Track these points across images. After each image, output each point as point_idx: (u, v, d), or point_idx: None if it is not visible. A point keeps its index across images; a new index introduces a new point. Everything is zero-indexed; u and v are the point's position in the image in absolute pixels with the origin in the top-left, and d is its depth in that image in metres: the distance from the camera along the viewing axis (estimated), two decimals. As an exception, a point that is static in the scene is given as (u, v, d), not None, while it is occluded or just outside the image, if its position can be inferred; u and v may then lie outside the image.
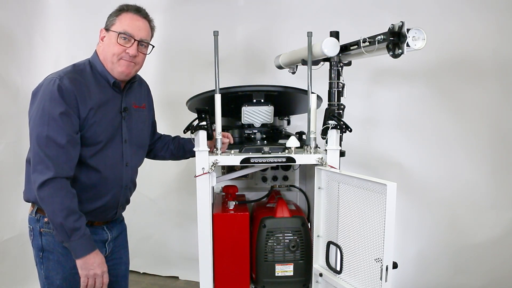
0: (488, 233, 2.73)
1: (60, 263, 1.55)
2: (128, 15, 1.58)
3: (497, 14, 2.60)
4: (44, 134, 1.42)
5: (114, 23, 1.57)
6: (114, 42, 1.56)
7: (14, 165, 2.77)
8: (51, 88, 1.44)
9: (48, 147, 1.42)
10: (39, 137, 1.43)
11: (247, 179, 2.27)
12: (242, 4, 2.96)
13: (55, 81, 1.45)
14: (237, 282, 1.85)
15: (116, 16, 1.58)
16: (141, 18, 1.60)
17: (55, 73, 1.50)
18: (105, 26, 1.60)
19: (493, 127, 2.69)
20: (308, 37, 1.76)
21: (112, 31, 1.56)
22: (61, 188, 1.43)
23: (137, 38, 1.57)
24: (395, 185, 1.35)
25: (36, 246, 1.58)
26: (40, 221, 1.55)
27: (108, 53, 1.57)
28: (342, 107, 1.90)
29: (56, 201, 1.42)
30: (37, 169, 1.43)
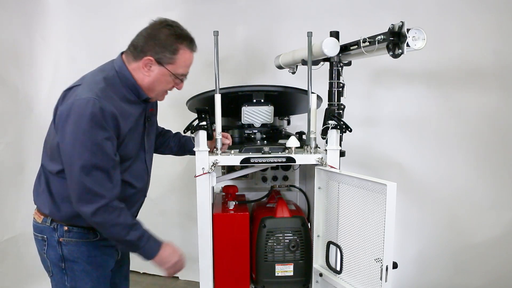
0: (488, 233, 2.73)
1: (87, 272, 1.52)
2: (186, 54, 1.48)
3: (497, 14, 2.60)
4: (90, 163, 1.34)
5: (171, 62, 1.46)
6: (168, 80, 1.50)
7: (14, 165, 2.77)
8: (91, 110, 1.32)
9: (95, 176, 1.36)
10: (84, 166, 1.34)
11: (247, 179, 2.27)
12: (242, 4, 2.96)
13: (94, 103, 1.33)
14: (237, 282, 1.85)
15: (173, 53, 1.46)
16: (193, 54, 1.53)
17: (88, 90, 1.37)
18: (156, 57, 1.45)
19: (493, 127, 2.68)
20: (308, 37, 1.76)
21: (167, 70, 1.47)
22: (114, 210, 1.40)
23: (186, 75, 1.55)
24: (395, 185, 1.35)
25: (53, 257, 1.51)
26: (58, 230, 1.49)
27: (157, 88, 1.51)
28: (342, 107, 1.90)
29: (114, 223, 1.41)
30: (84, 198, 1.36)
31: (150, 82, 1.49)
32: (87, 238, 1.52)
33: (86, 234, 1.52)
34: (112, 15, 3.03)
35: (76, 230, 1.50)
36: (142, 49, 1.46)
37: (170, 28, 1.46)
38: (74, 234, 1.50)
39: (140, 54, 1.46)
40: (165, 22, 1.48)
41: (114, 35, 3.09)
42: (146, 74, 1.48)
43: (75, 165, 1.35)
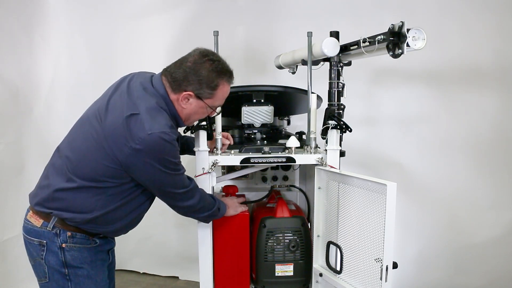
0: (488, 233, 2.73)
1: (91, 277, 1.53)
2: (224, 88, 1.52)
3: (497, 14, 2.60)
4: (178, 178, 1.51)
5: (210, 97, 1.49)
6: (204, 112, 1.55)
7: (14, 165, 2.77)
8: (170, 142, 1.40)
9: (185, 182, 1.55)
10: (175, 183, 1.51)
11: (247, 179, 2.27)
12: (242, 4, 2.95)
13: (168, 137, 1.39)
14: (237, 282, 1.85)
15: (213, 89, 1.48)
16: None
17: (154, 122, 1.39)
18: (196, 92, 1.47)
19: (493, 127, 2.69)
20: (308, 37, 1.76)
21: (205, 104, 1.51)
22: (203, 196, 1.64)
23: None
24: (395, 185, 1.35)
25: (53, 262, 1.48)
26: (61, 236, 1.47)
27: (192, 117, 1.57)
28: (342, 107, 1.90)
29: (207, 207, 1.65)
30: (183, 200, 1.57)
31: (188, 114, 1.54)
32: (88, 244, 1.52)
33: (88, 240, 1.52)
34: (112, 15, 3.03)
35: (79, 236, 1.49)
36: (183, 83, 1.47)
37: (211, 64, 1.47)
38: (78, 240, 1.49)
39: (180, 88, 1.47)
40: (207, 56, 1.48)
41: (114, 35, 3.10)
42: (184, 107, 1.50)
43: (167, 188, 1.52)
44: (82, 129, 1.50)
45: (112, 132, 1.40)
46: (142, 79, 1.52)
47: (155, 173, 1.42)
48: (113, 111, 1.43)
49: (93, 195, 1.46)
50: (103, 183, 1.44)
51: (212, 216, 1.70)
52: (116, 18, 3.03)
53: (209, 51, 1.53)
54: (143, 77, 1.54)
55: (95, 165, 1.43)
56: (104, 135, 1.41)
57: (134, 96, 1.45)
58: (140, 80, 1.52)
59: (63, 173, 1.47)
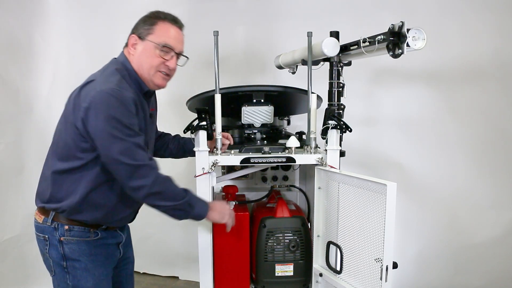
0: (488, 233, 2.73)
1: (89, 270, 1.53)
2: (166, 25, 1.52)
3: (497, 14, 2.60)
4: (128, 145, 1.40)
5: (150, 32, 1.50)
6: (152, 54, 1.51)
7: (14, 165, 2.77)
8: (115, 99, 1.38)
9: (137, 153, 1.41)
10: (124, 150, 1.39)
11: (247, 179, 2.27)
12: (242, 4, 2.96)
13: (115, 92, 1.39)
14: (237, 282, 1.85)
15: (151, 24, 1.50)
16: (178, 29, 1.55)
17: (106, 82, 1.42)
18: (137, 33, 1.51)
19: (493, 127, 2.69)
20: (308, 37, 1.76)
21: (149, 42, 1.50)
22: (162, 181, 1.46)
23: (176, 50, 1.54)
24: (395, 185, 1.35)
25: (55, 256, 1.52)
26: (59, 230, 1.50)
27: (145, 64, 1.52)
28: (342, 107, 1.90)
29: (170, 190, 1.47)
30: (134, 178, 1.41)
31: (138, 60, 1.53)
32: (88, 237, 1.53)
33: (87, 232, 1.52)
34: (112, 15, 3.03)
35: (77, 229, 1.51)
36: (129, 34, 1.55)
37: (152, 11, 1.55)
38: (75, 232, 1.51)
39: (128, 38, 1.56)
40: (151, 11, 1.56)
41: (114, 35, 3.08)
42: (133, 53, 1.53)
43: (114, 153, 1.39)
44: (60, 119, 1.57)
45: (72, 102, 1.46)
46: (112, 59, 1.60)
47: (104, 133, 1.38)
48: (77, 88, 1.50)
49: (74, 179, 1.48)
50: (76, 162, 1.46)
51: (179, 211, 1.51)
52: (116, 18, 3.03)
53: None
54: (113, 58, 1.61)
55: (66, 141, 1.47)
56: (68, 109, 1.49)
57: (96, 72, 1.54)
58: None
59: (48, 161, 1.55)
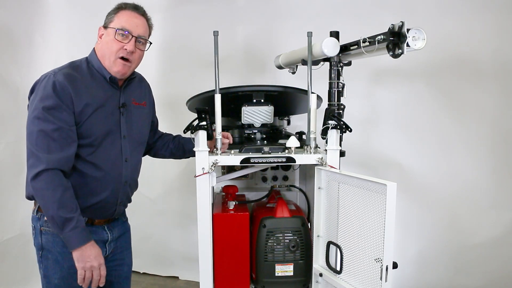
0: (488, 233, 2.73)
1: (58, 262, 1.55)
2: (126, 12, 1.59)
3: (497, 14, 2.60)
4: (36, 129, 1.44)
5: (112, 20, 1.58)
6: (112, 39, 1.56)
7: (14, 165, 2.77)
8: (45, 84, 1.47)
9: (38, 140, 1.44)
10: (31, 132, 1.45)
11: (247, 179, 2.27)
12: (242, 4, 2.96)
13: (49, 77, 1.48)
14: (237, 282, 1.85)
15: (114, 14, 1.59)
16: (139, 15, 1.61)
17: (51, 70, 1.53)
18: (103, 24, 1.61)
19: (493, 127, 2.69)
20: (308, 37, 1.76)
21: (110, 28, 1.57)
22: (52, 180, 1.43)
23: (134, 34, 1.57)
24: (395, 185, 1.35)
25: (36, 245, 1.59)
26: (40, 220, 1.56)
27: (106, 51, 1.58)
28: (342, 107, 1.90)
29: (47, 194, 1.43)
30: (29, 163, 1.46)
31: (102, 48, 1.60)
32: None
33: None
34: (112, 15, 3.03)
35: None
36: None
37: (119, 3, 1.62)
38: None
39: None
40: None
41: (114, 35, 3.10)
42: (99, 43, 1.62)
43: (27, 132, 1.47)
44: None
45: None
46: None
47: (29, 109, 1.50)
48: None
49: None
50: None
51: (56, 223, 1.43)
52: (116, 18, 3.03)
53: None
54: None
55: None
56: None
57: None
58: None
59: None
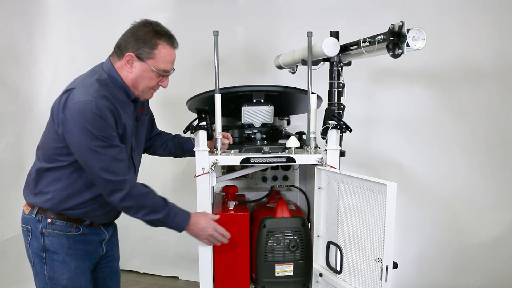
0: (488, 233, 2.73)
1: (66, 263, 1.57)
2: (165, 49, 1.53)
3: (497, 14, 2.60)
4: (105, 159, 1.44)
5: (151, 57, 1.51)
6: (150, 76, 1.54)
7: (14, 165, 2.77)
8: (90, 112, 1.40)
9: (114, 169, 1.46)
10: (102, 165, 1.44)
11: (247, 179, 2.27)
12: (242, 4, 2.96)
13: (91, 105, 1.40)
14: (237, 282, 1.85)
15: (152, 48, 1.51)
16: (174, 50, 1.58)
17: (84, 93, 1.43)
18: (137, 53, 1.51)
19: (493, 127, 2.69)
20: (308, 37, 1.76)
21: (149, 66, 1.52)
22: (139, 195, 1.51)
23: (171, 71, 1.59)
24: (395, 185, 1.35)
25: (35, 247, 1.57)
26: (42, 222, 1.55)
27: (141, 85, 1.56)
28: (342, 107, 1.90)
29: (140, 207, 1.52)
30: (108, 189, 1.47)
31: (134, 79, 1.55)
32: (69, 231, 1.57)
33: (69, 227, 1.57)
34: (112, 15, 3.03)
35: (59, 223, 1.56)
36: (124, 47, 1.53)
37: (149, 26, 1.53)
38: (57, 226, 1.56)
39: (123, 51, 1.53)
40: (145, 21, 1.56)
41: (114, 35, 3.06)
42: (129, 71, 1.54)
43: (94, 168, 1.45)
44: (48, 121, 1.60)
45: (54, 109, 1.51)
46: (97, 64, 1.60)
47: (82, 147, 1.43)
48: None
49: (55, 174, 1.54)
50: (58, 163, 1.52)
51: (158, 222, 1.59)
52: (116, 18, 3.03)
53: (149, 19, 1.57)
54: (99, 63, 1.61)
55: (49, 145, 1.53)
56: (52, 115, 1.52)
57: (78, 77, 1.55)
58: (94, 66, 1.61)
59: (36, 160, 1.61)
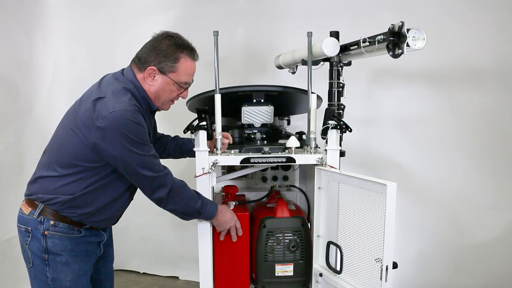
0: (488, 233, 2.73)
1: (69, 265, 1.57)
2: (187, 62, 1.57)
3: (497, 14, 2.60)
4: (146, 159, 1.49)
5: (173, 71, 1.55)
6: (171, 89, 1.59)
7: (14, 165, 2.77)
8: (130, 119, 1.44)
9: (155, 166, 1.52)
10: (143, 163, 1.49)
11: (247, 179, 2.27)
12: (242, 4, 2.96)
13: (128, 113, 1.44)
14: (237, 282, 1.85)
15: (174, 62, 1.54)
16: (195, 62, 1.62)
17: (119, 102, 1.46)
18: (158, 67, 1.54)
19: (493, 127, 2.69)
20: (308, 37, 1.76)
21: (171, 79, 1.56)
22: (178, 187, 1.58)
23: (191, 83, 1.63)
24: (395, 185, 1.35)
25: (36, 248, 1.56)
26: (44, 223, 1.54)
27: (162, 96, 1.60)
28: (342, 107, 1.90)
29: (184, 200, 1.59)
30: (153, 186, 1.53)
31: (155, 92, 1.58)
32: (71, 234, 1.57)
33: (71, 230, 1.57)
34: (112, 15, 3.03)
35: (62, 225, 1.55)
36: (146, 60, 1.55)
37: (170, 39, 1.55)
38: (59, 229, 1.55)
39: (144, 64, 1.55)
40: (166, 33, 1.58)
41: (114, 35, 3.10)
42: (150, 84, 1.57)
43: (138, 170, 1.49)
44: (62, 124, 1.61)
45: (82, 117, 1.49)
46: (115, 72, 1.63)
47: (121, 151, 1.45)
48: (85, 101, 1.54)
49: (72, 180, 1.53)
50: (79, 168, 1.51)
51: (190, 216, 1.66)
52: (116, 18, 3.04)
53: (170, 31, 1.60)
54: (118, 71, 1.63)
55: (71, 151, 1.51)
56: (77, 122, 1.51)
57: (104, 85, 1.56)
58: (113, 73, 1.63)
59: (46, 165, 1.58)
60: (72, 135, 1.51)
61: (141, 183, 1.54)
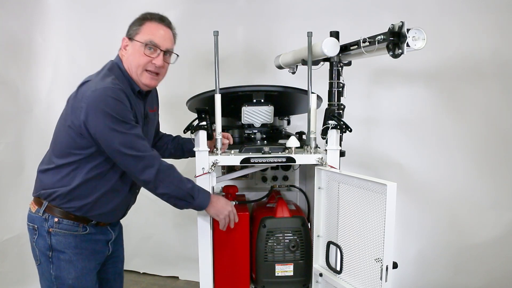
0: (488, 233, 2.73)
1: (72, 263, 1.57)
2: (152, 24, 1.57)
3: (497, 14, 2.60)
4: (129, 138, 1.46)
5: (137, 32, 1.56)
6: (139, 52, 1.56)
7: (14, 165, 2.77)
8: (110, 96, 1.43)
9: (138, 145, 1.48)
10: (125, 142, 1.45)
11: (247, 179, 2.27)
12: (242, 4, 2.96)
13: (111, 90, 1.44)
14: (237, 282, 1.85)
15: (139, 25, 1.56)
16: (165, 27, 1.60)
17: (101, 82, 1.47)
18: (127, 35, 1.58)
19: (493, 127, 2.69)
20: (308, 37, 1.76)
21: (136, 41, 1.55)
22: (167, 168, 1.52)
23: (162, 48, 1.58)
24: (395, 185, 1.35)
25: (42, 245, 1.57)
26: (49, 221, 1.55)
27: (132, 64, 1.57)
28: (342, 107, 1.90)
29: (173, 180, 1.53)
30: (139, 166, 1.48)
31: (128, 60, 1.58)
32: (76, 231, 1.57)
33: (76, 227, 1.57)
34: (112, 15, 3.03)
35: (66, 222, 1.56)
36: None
37: (143, 13, 1.61)
38: (64, 226, 1.56)
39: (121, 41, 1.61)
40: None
41: (114, 35, 3.05)
42: (124, 55, 1.59)
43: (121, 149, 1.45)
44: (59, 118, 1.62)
45: (70, 104, 1.52)
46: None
47: (104, 130, 1.44)
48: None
49: (68, 171, 1.54)
50: (73, 157, 1.52)
51: (182, 200, 1.57)
52: (116, 17, 3.03)
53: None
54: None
55: (63, 139, 1.53)
56: (68, 111, 1.53)
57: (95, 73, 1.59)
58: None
59: (47, 158, 1.61)
60: (63, 124, 1.54)
61: (126, 164, 1.49)
